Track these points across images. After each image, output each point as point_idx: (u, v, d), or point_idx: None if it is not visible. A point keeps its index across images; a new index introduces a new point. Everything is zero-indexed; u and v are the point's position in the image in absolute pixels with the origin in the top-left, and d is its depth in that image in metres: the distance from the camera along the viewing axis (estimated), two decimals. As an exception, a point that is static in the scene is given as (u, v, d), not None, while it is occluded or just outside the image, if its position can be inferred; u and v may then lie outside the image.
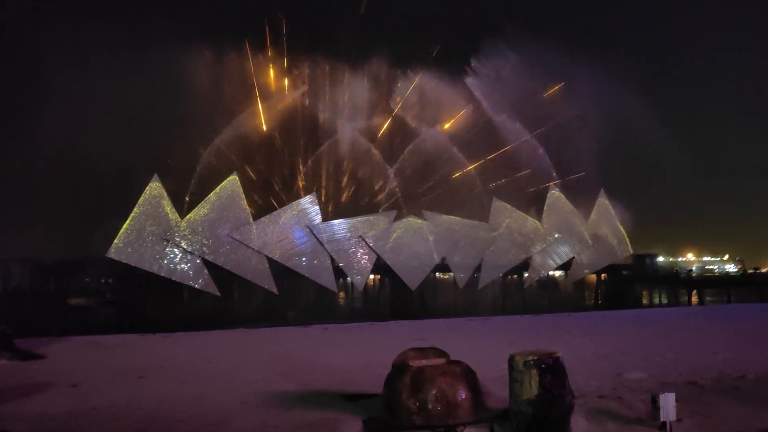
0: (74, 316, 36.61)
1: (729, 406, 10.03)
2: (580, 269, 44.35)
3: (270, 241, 36.91)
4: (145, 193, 35.59)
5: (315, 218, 38.27)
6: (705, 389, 11.52)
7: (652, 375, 13.16)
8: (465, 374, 9.60)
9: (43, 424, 9.85)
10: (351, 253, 38.68)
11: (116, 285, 40.55)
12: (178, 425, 9.75)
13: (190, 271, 35.61)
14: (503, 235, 41.62)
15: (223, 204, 36.71)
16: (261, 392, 12.21)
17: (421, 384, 9.21)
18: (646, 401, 9.73)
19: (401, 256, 39.16)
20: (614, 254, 45.40)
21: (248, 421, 9.93)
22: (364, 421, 9.55)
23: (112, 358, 17.85)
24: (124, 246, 34.61)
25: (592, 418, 9.45)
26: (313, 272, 37.98)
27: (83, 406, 11.18)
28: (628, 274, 51.61)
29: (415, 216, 40.66)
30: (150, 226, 35.13)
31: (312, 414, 10.21)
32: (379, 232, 39.06)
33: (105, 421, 10.05)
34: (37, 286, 43.34)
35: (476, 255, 40.75)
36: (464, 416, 9.14)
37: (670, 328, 24.00)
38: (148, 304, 40.29)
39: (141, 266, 34.99)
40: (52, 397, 12.16)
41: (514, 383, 8.53)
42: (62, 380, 13.87)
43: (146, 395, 12.13)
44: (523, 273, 43.80)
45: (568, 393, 8.51)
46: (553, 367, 8.38)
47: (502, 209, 42.15)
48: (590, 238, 43.98)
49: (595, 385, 12.09)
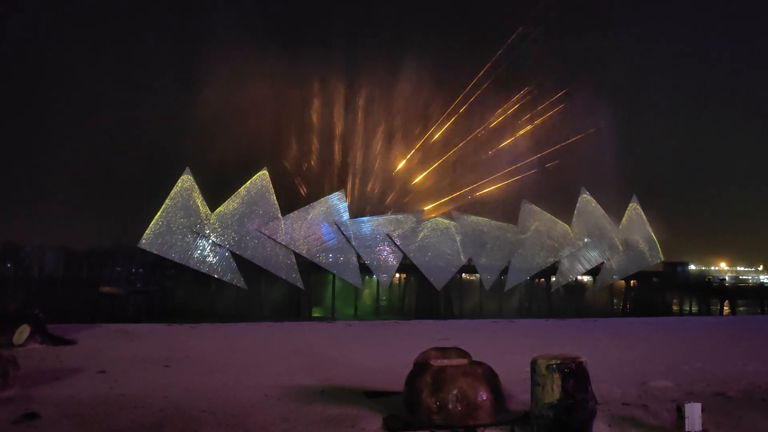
0: (105, 304, 37.31)
1: (757, 419, 9.80)
2: (609, 275, 43.78)
3: (298, 237, 37.20)
4: (176, 186, 36.18)
5: (343, 215, 38.44)
6: (733, 400, 11.27)
7: (679, 384, 12.91)
8: (487, 375, 9.55)
9: (70, 409, 10.07)
10: (377, 251, 38.76)
11: (146, 275, 41.21)
12: (200, 415, 9.89)
13: (219, 264, 36.10)
14: (532, 238, 41.30)
15: (252, 198, 37.11)
16: (284, 386, 12.32)
17: (441, 383, 9.20)
18: (671, 410, 9.55)
19: (427, 256, 39.11)
20: (645, 261, 44.71)
21: (270, 413, 10.02)
22: (385, 418, 9.56)
23: (139, 347, 18.16)
24: (155, 237, 35.23)
25: (615, 424, 9.33)
26: (340, 269, 38.17)
27: (110, 392, 11.41)
28: (658, 282, 50.73)
29: (443, 216, 40.57)
30: (180, 218, 35.70)
31: (333, 409, 10.27)
32: (406, 231, 39.06)
33: (130, 407, 10.24)
34: (69, 274, 44.28)
35: (504, 257, 40.52)
36: (484, 418, 9.10)
37: (700, 337, 23.49)
38: (176, 294, 40.94)
39: (170, 257, 35.60)
40: (80, 381, 12.43)
41: (536, 386, 8.47)
42: (91, 366, 14.17)
43: (171, 384, 12.33)
44: (550, 276, 43.38)
45: (590, 398, 8.42)
46: (576, 372, 8.29)
47: (532, 211, 41.85)
48: (621, 243, 43.35)
49: (620, 391, 11.92)
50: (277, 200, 37.65)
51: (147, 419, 9.56)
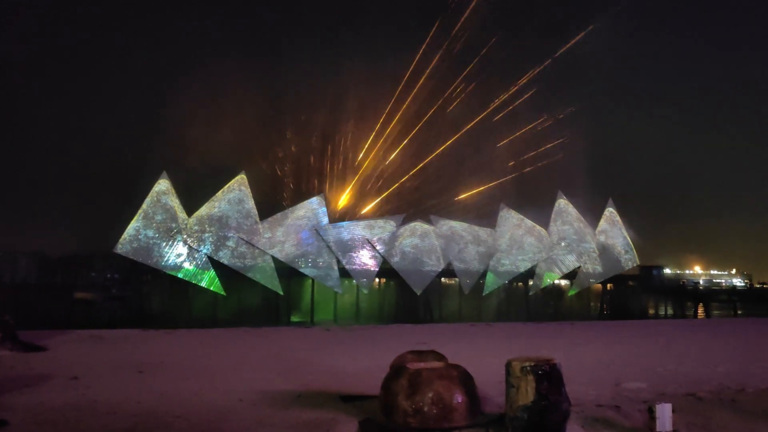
0: (79, 310, 36.77)
1: (726, 419, 9.96)
2: (586, 278, 44.17)
3: (276, 241, 37.00)
4: (153, 190, 35.78)
5: (322, 219, 38.33)
6: (703, 401, 11.45)
7: (652, 385, 13.10)
8: (462, 378, 9.58)
9: (41, 415, 9.90)
10: (357, 256, 38.68)
11: (122, 280, 40.64)
12: (175, 420, 9.79)
13: (196, 269, 35.74)
14: (509, 242, 41.56)
15: (230, 202, 36.83)
16: (260, 391, 12.25)
17: (417, 386, 9.21)
18: (644, 411, 9.68)
19: (407, 260, 39.14)
20: (621, 265, 45.19)
21: (245, 418, 9.96)
22: (361, 422, 9.56)
23: (113, 352, 17.93)
24: (131, 242, 34.79)
25: (588, 426, 9.43)
26: (319, 273, 38.02)
27: (82, 399, 11.25)
28: (634, 285, 51.34)
29: (422, 220, 40.65)
30: (157, 222, 35.29)
31: (309, 413, 10.23)
32: (385, 235, 39.08)
33: (103, 414, 10.10)
34: (43, 279, 43.51)
35: (482, 261, 40.69)
36: (460, 420, 9.13)
37: (674, 340, 23.86)
38: (153, 300, 40.43)
39: (147, 262, 35.15)
40: (51, 388, 12.24)
41: (510, 388, 8.52)
42: (63, 372, 13.96)
43: (145, 390, 12.20)
44: (528, 280, 43.67)
45: (564, 400, 8.49)
46: (549, 374, 8.36)
47: (509, 216, 42.13)
48: (597, 247, 43.82)
49: (594, 393, 12.06)
50: (255, 204, 37.39)
51: (119, 425, 9.44)
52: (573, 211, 43.76)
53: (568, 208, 43.70)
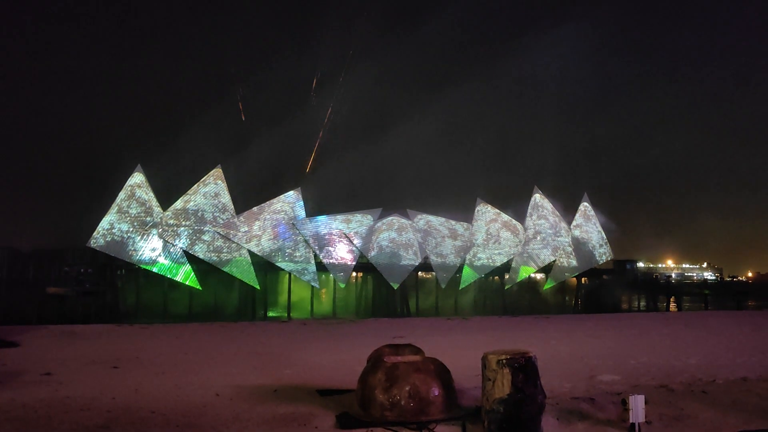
0: (52, 306, 36.13)
1: (697, 410, 10.16)
2: (561, 272, 44.64)
3: (253, 235, 36.75)
4: (127, 183, 35.30)
5: (299, 213, 38.16)
6: (675, 393, 11.66)
7: (625, 378, 13.31)
8: (439, 371, 9.63)
9: (12, 412, 9.73)
10: (334, 250, 38.60)
11: (95, 275, 40.01)
12: (150, 416, 9.69)
13: (171, 263, 35.35)
14: (486, 236, 41.82)
15: (206, 196, 36.48)
16: (236, 385, 12.18)
17: (394, 380, 9.24)
18: (617, 403, 9.84)
19: (384, 254, 39.16)
20: (595, 259, 45.75)
21: (222, 413, 9.90)
22: (337, 416, 9.56)
23: (87, 348, 17.69)
24: (104, 236, 34.32)
25: (563, 418, 9.54)
26: (296, 268, 37.85)
27: (55, 395, 11.08)
28: (608, 279, 52.06)
29: (399, 214, 40.66)
30: (131, 216, 34.84)
31: (285, 407, 10.21)
32: (363, 230, 39.06)
33: (76, 410, 9.96)
34: (14, 274, 42.67)
35: (458, 255, 40.88)
36: (437, 413, 9.18)
37: (647, 333, 24.25)
38: (127, 295, 39.94)
39: (121, 257, 34.70)
40: (23, 384, 12.04)
41: (486, 382, 8.58)
42: (35, 368, 13.74)
43: (120, 385, 12.06)
44: (504, 274, 44.01)
45: (539, 393, 8.58)
46: (525, 367, 8.43)
47: (486, 210, 42.38)
48: (572, 242, 44.29)
49: (569, 386, 12.21)
50: (231, 198, 37.09)
51: (93, 421, 9.31)
52: (549, 206, 44.16)
53: (544, 203, 44.09)
